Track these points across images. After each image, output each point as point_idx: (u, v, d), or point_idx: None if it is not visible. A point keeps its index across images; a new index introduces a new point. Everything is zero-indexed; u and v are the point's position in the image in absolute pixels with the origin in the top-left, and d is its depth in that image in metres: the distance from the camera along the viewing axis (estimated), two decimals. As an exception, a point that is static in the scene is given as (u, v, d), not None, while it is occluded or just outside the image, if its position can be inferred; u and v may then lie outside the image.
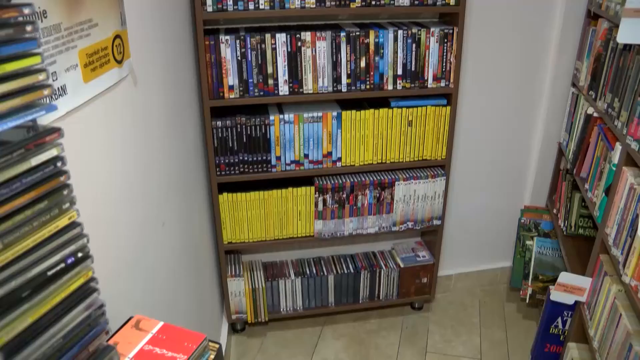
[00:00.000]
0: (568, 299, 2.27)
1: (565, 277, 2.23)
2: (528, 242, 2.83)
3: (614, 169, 1.97)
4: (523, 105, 2.85)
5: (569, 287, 2.24)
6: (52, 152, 0.72)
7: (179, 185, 2.08)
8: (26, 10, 0.62)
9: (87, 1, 1.28)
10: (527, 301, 2.79)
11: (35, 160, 0.70)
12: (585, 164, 2.36)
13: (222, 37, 2.24)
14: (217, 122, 2.37)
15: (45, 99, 0.72)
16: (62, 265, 0.77)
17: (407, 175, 2.63)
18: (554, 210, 2.85)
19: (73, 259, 0.79)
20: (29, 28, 0.63)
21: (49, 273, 0.75)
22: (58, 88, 1.15)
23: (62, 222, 0.77)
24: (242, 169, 2.47)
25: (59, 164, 0.74)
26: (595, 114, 2.30)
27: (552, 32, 2.70)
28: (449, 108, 2.53)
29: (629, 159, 1.88)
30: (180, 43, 2.14)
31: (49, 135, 0.71)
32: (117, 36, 1.44)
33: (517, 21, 2.66)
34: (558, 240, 2.70)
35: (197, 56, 2.34)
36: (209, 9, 2.19)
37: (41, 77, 0.68)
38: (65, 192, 0.76)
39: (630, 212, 1.80)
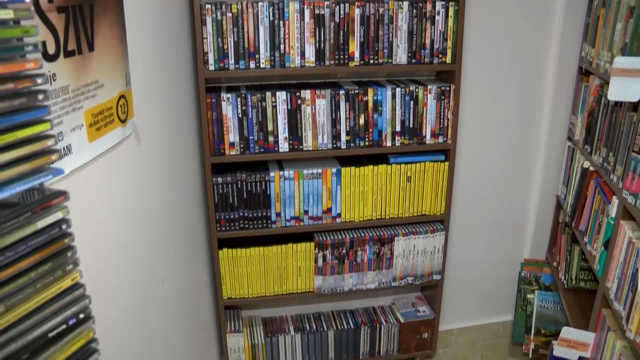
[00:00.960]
0: (572, 354, 2.24)
1: (568, 332, 2.21)
2: (529, 296, 2.81)
3: (612, 222, 1.99)
4: (520, 159, 2.89)
5: (572, 343, 2.21)
6: (58, 215, 0.73)
7: (179, 241, 2.09)
8: (39, 80, 0.65)
9: (94, 63, 1.32)
10: (530, 356, 2.74)
11: (41, 223, 0.71)
12: (583, 217, 2.38)
13: (224, 95, 2.29)
14: (218, 178, 2.39)
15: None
16: (64, 326, 0.77)
17: (407, 231, 2.64)
18: (554, 263, 2.84)
19: (75, 320, 0.79)
20: (40, 97, 0.66)
21: (50, 335, 0.75)
22: (63, 148, 1.18)
23: (65, 283, 0.78)
24: (242, 225, 2.48)
25: (64, 226, 0.75)
26: (591, 168, 2.33)
27: (546, 88, 2.76)
28: (447, 164, 2.56)
29: (627, 213, 1.90)
30: (183, 100, 2.19)
31: (56, 198, 0.73)
32: (121, 96, 1.48)
33: (512, 77, 2.73)
34: (559, 293, 2.68)
35: (198, 113, 2.39)
36: (211, 67, 2.24)
37: (50, 142, 0.70)
38: (69, 254, 0.77)
39: (630, 266, 1.80)
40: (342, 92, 2.36)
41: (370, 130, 2.43)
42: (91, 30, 1.31)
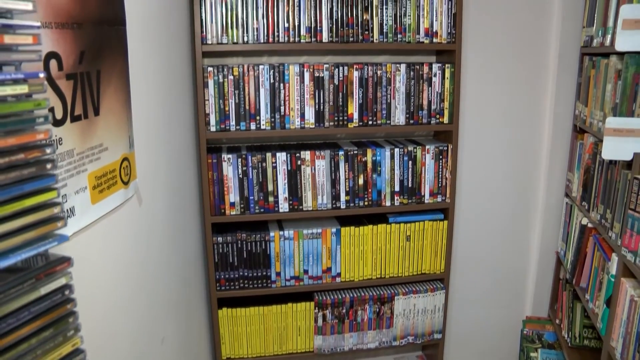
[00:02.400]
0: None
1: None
2: (532, 354, 2.76)
3: (613, 280, 1.98)
4: (519, 216, 2.90)
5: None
6: (62, 281, 0.74)
7: (179, 300, 2.08)
8: (48, 150, 0.67)
9: (100, 127, 1.35)
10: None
11: (44, 290, 0.72)
12: (584, 274, 2.37)
13: (225, 156, 2.33)
14: (218, 238, 2.40)
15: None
16: (64, 393, 0.77)
17: (407, 290, 2.62)
18: (557, 321, 2.81)
19: (74, 386, 0.79)
20: (49, 166, 0.68)
21: (50, 402, 0.74)
22: (67, 210, 1.19)
23: (66, 349, 0.78)
24: (242, 285, 2.47)
25: (67, 292, 0.76)
26: (589, 225, 2.34)
27: (542, 145, 2.81)
28: (446, 222, 2.57)
29: (627, 271, 1.89)
30: (184, 161, 2.22)
31: (60, 264, 0.74)
32: (125, 158, 1.51)
33: (508, 135, 2.78)
34: (563, 351, 2.64)
35: (200, 173, 2.42)
36: (213, 128, 2.29)
37: (56, 210, 0.72)
38: (71, 320, 0.78)
39: (634, 325, 1.78)
40: (341, 152, 2.39)
41: (370, 190, 2.46)
42: (97, 96, 1.35)
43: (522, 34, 2.68)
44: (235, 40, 2.24)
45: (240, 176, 2.35)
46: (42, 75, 0.66)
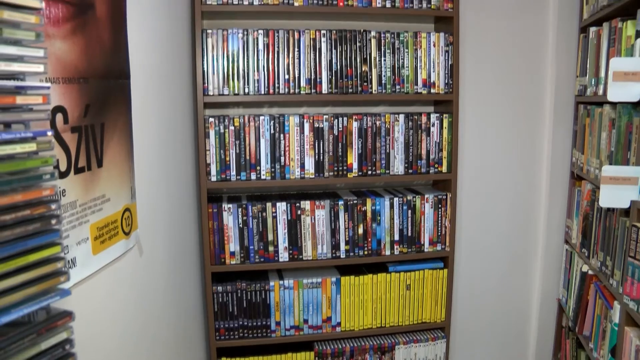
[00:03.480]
0: None
1: None
2: (538, 408, 2.71)
3: (616, 328, 1.96)
4: (519, 263, 2.90)
5: None
6: (63, 336, 0.74)
7: (178, 350, 2.05)
8: (53, 206, 0.69)
9: (102, 178, 1.37)
10: None
11: (45, 344, 0.72)
12: (586, 322, 2.35)
13: (225, 205, 2.34)
14: (218, 287, 2.39)
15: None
16: None
17: (407, 339, 2.59)
18: (561, 372, 2.77)
19: None
20: (53, 221, 0.69)
21: None
22: (68, 261, 1.20)
23: (66, 404, 0.77)
24: (241, 334, 2.45)
25: (67, 346, 0.76)
26: (590, 272, 2.33)
27: (541, 193, 2.82)
28: (446, 271, 2.56)
29: (630, 319, 1.88)
30: (185, 210, 2.23)
31: (61, 319, 0.74)
32: (126, 209, 1.52)
33: (507, 184, 2.80)
34: (568, 404, 2.59)
35: (200, 222, 2.43)
36: (213, 178, 2.31)
37: (59, 264, 0.73)
38: (71, 374, 0.77)
39: (639, 375, 1.76)
40: (341, 202, 2.41)
41: (369, 239, 2.46)
42: (101, 147, 1.37)
43: (518, 83, 2.74)
44: (236, 92, 2.29)
45: (241, 225, 2.36)
46: (50, 133, 0.68)
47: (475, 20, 2.66)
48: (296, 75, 2.31)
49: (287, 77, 2.30)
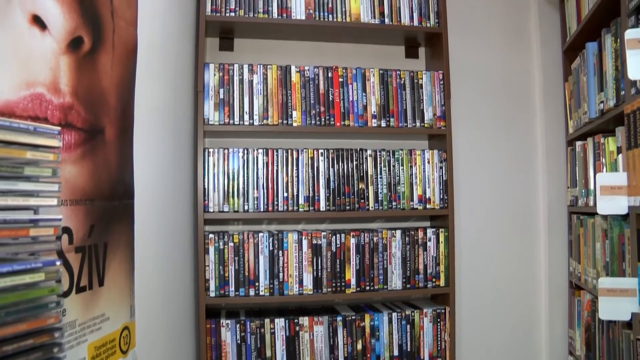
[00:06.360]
0: None
1: None
2: None
3: None
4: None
5: None
6: None
7: None
8: (57, 334, 0.71)
9: (103, 297, 1.38)
10: None
11: None
12: None
13: (223, 321, 2.33)
14: (214, 408, 2.32)
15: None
16: None
17: None
18: None
19: None
20: (55, 350, 0.71)
21: None
22: (63, 385, 1.18)
23: None
24: None
25: None
26: (599, 388, 2.27)
27: (540, 304, 2.81)
28: (448, 388, 2.50)
29: None
30: (183, 327, 2.21)
31: None
32: (125, 327, 1.52)
33: (506, 298, 2.80)
34: None
35: (197, 338, 2.39)
36: (212, 294, 2.31)
37: (59, 392, 0.73)
38: None
39: None
40: (339, 318, 2.40)
41: (368, 355, 2.42)
42: (103, 267, 1.39)
43: (512, 195, 2.83)
44: (236, 209, 2.35)
45: (239, 342, 2.33)
46: (58, 263, 0.72)
47: (468, 136, 2.79)
48: (294, 193, 2.39)
49: (285, 194, 2.38)
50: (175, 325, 2.10)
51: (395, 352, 2.45)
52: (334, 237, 2.41)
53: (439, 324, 2.49)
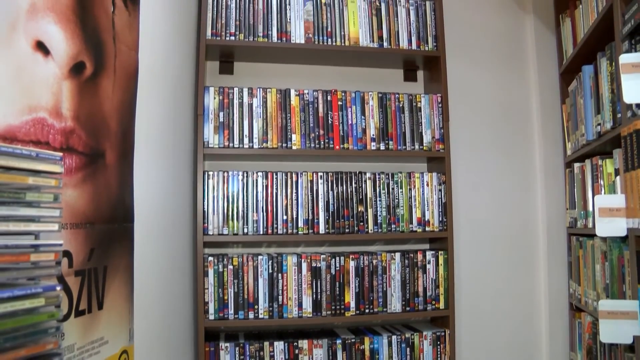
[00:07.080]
0: None
1: None
2: None
3: None
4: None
5: None
6: None
7: None
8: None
9: (102, 321, 1.38)
10: None
11: None
12: None
13: (222, 344, 2.31)
14: None
15: None
16: None
17: None
18: None
19: None
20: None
21: None
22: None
23: None
24: None
25: None
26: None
27: (541, 326, 2.80)
28: (448, 413, 2.48)
29: None
30: (182, 352, 2.20)
31: None
32: (124, 351, 1.51)
33: (505, 320, 2.79)
34: None
35: (196, 363, 2.38)
36: (211, 317, 2.30)
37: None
38: None
39: None
40: (338, 341, 2.39)
41: (369, 378, 2.41)
42: (102, 290, 1.39)
43: (511, 217, 2.84)
44: (235, 232, 2.35)
45: (238, 366, 2.32)
46: (59, 288, 0.72)
47: (467, 159, 2.81)
48: (294, 216, 2.39)
49: (285, 217, 2.38)
50: (175, 348, 2.09)
51: (396, 376, 2.44)
52: (334, 259, 2.40)
53: (438, 346, 2.48)
